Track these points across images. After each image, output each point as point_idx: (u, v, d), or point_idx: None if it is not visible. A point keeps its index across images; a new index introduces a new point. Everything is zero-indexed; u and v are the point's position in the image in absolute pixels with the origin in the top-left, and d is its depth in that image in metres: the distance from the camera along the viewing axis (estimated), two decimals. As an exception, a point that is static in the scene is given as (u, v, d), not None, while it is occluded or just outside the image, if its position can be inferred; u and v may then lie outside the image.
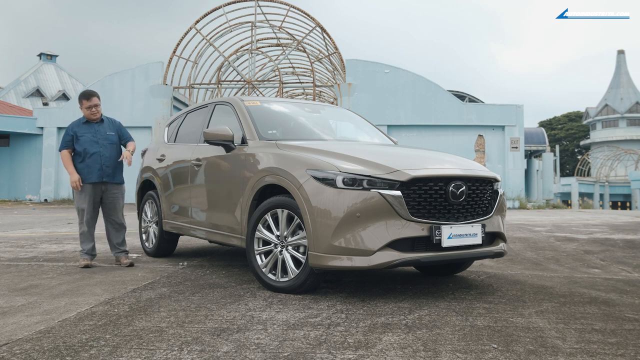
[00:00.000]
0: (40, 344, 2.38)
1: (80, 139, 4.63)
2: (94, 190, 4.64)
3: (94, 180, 4.60)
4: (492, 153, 19.34)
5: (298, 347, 2.33)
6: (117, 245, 4.79)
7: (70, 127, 4.70)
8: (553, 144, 56.86)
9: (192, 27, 20.19)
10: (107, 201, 4.73)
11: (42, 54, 43.03)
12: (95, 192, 4.66)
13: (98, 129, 4.70)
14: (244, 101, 4.44)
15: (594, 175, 48.19)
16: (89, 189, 4.61)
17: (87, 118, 4.71)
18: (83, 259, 4.60)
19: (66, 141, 4.67)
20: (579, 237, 7.37)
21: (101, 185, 4.67)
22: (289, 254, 3.46)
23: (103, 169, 4.63)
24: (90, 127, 4.70)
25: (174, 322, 2.74)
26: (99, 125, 4.73)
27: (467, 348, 2.35)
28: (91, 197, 4.63)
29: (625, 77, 62.00)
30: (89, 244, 4.66)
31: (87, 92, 4.73)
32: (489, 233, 3.52)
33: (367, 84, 19.30)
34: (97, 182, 4.63)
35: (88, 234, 4.66)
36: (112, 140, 4.75)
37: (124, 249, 4.80)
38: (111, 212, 4.76)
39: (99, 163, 4.62)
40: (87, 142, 4.62)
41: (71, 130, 4.67)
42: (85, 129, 4.69)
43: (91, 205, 4.65)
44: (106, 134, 4.71)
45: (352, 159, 3.37)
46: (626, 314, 3.02)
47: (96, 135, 4.67)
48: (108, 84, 20.41)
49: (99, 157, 4.62)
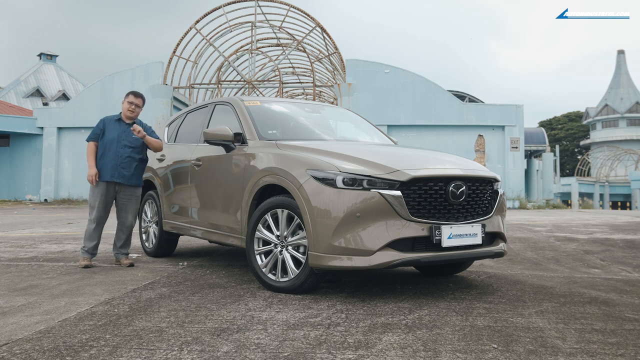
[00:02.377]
0: (40, 344, 2.38)
1: (106, 135, 4.59)
2: (107, 189, 4.57)
3: (106, 179, 4.53)
4: (492, 153, 19.34)
5: (298, 347, 2.33)
6: (118, 246, 4.74)
7: (102, 121, 4.67)
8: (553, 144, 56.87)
9: (192, 27, 20.19)
10: (120, 202, 4.68)
11: (42, 54, 43.02)
12: (108, 191, 4.58)
13: (127, 130, 4.65)
14: (244, 101, 4.44)
15: (594, 175, 48.20)
16: (102, 187, 4.54)
17: (124, 114, 4.68)
18: (83, 258, 4.56)
19: (95, 133, 4.62)
20: (579, 237, 7.37)
21: (114, 185, 4.59)
22: (289, 254, 3.46)
23: (118, 169, 4.55)
24: (120, 126, 4.66)
25: (174, 322, 2.74)
26: (129, 126, 4.66)
27: (467, 348, 2.35)
28: (103, 195, 4.55)
29: (625, 77, 62.00)
30: (92, 242, 4.59)
31: (138, 92, 4.79)
32: (489, 233, 3.52)
33: (367, 84, 19.30)
34: (110, 182, 4.55)
35: (94, 231, 4.59)
36: (136, 144, 4.66)
37: (124, 252, 4.74)
38: (120, 213, 4.70)
39: (115, 162, 4.54)
40: (111, 139, 4.57)
41: (102, 124, 4.65)
42: (115, 126, 4.65)
43: (102, 204, 4.56)
44: (132, 137, 4.63)
45: (352, 159, 3.37)
46: (626, 314, 3.02)
47: (122, 135, 4.61)
48: (108, 84, 20.40)
49: (117, 156, 4.55)
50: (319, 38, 20.86)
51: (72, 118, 20.60)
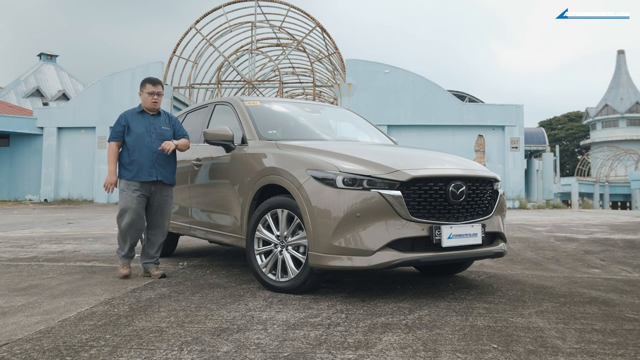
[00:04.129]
0: (40, 344, 2.38)
1: (132, 131, 4.05)
2: (143, 189, 4.02)
3: (144, 179, 3.99)
4: (492, 153, 19.34)
5: (298, 347, 2.33)
6: (151, 254, 4.16)
7: (123, 117, 4.11)
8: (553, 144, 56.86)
9: (192, 27, 20.20)
10: (155, 203, 4.11)
11: (42, 54, 43.01)
12: (143, 192, 4.03)
13: (153, 122, 4.13)
14: (244, 101, 4.44)
15: (594, 175, 48.20)
16: (137, 188, 3.99)
17: (145, 106, 4.13)
18: (122, 265, 4.06)
19: (117, 132, 4.07)
20: (579, 237, 7.37)
21: (151, 185, 4.05)
22: (289, 254, 3.46)
23: (155, 166, 4.03)
24: (144, 118, 4.13)
25: (174, 322, 2.74)
26: (155, 117, 4.16)
27: (467, 348, 2.35)
28: (138, 197, 3.99)
29: (625, 77, 62.00)
30: (129, 244, 4.06)
31: (154, 78, 4.20)
32: (489, 233, 3.52)
33: (367, 84, 19.31)
34: (147, 182, 4.04)
35: (128, 236, 4.02)
36: (167, 136, 4.15)
37: (155, 261, 4.17)
38: (156, 216, 4.13)
39: (151, 160, 4.02)
40: (140, 134, 4.05)
41: (124, 120, 4.09)
42: (139, 120, 4.11)
43: (140, 205, 4.00)
44: (161, 129, 4.13)
45: (352, 159, 3.37)
46: (626, 314, 3.02)
47: (150, 129, 4.09)
48: (108, 84, 20.41)
49: (151, 152, 4.03)
50: (319, 38, 20.86)
51: (72, 118, 20.60)
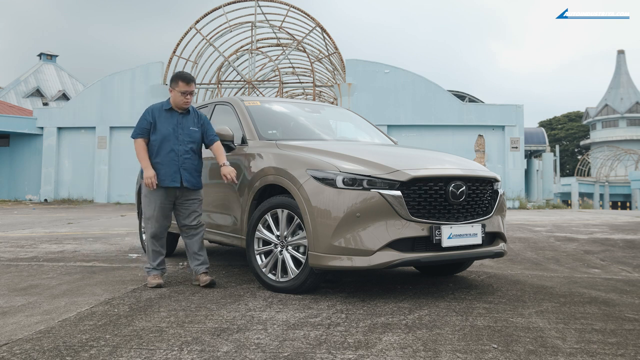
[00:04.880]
0: (40, 344, 2.38)
1: (158, 130, 3.74)
2: (167, 195, 3.75)
3: (167, 184, 3.70)
4: (492, 153, 19.33)
5: (298, 347, 2.33)
6: (195, 254, 3.83)
7: (150, 112, 3.79)
8: (553, 144, 56.86)
9: (192, 27, 20.20)
10: (181, 207, 3.83)
11: (42, 54, 43.00)
12: (168, 197, 3.76)
13: (181, 121, 3.80)
14: (244, 101, 4.45)
15: (594, 175, 48.19)
16: (160, 193, 3.72)
17: (175, 105, 3.81)
18: (152, 276, 3.75)
19: (142, 128, 3.75)
20: (579, 237, 7.37)
21: (176, 190, 3.77)
22: (289, 254, 3.46)
23: (180, 170, 3.72)
24: (172, 116, 3.81)
25: (174, 322, 2.74)
26: (183, 117, 3.83)
27: (467, 348, 2.35)
28: (162, 203, 3.74)
29: (625, 77, 62.01)
30: (158, 257, 3.81)
31: (187, 75, 3.82)
32: (489, 233, 3.52)
33: (367, 84, 19.30)
34: (172, 188, 3.75)
35: (156, 247, 3.81)
36: (195, 137, 3.83)
37: (203, 260, 3.82)
38: (186, 221, 3.84)
39: (177, 164, 3.71)
40: (167, 134, 3.73)
41: (150, 116, 3.77)
42: (167, 117, 3.79)
43: (161, 212, 3.75)
44: (189, 129, 3.81)
45: (352, 159, 3.37)
46: (626, 314, 3.02)
47: (177, 129, 3.77)
48: (108, 84, 20.40)
49: (176, 155, 3.72)
50: (319, 38, 20.86)
51: (72, 118, 20.59)
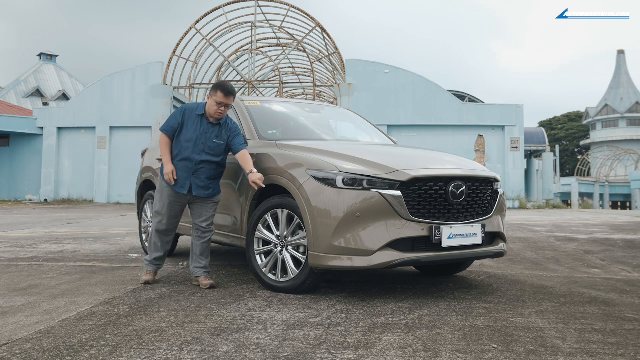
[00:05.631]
0: (40, 344, 2.38)
1: (184, 132, 3.72)
2: (178, 198, 3.76)
3: (176, 189, 3.72)
4: (492, 153, 19.33)
5: (298, 347, 2.33)
6: (198, 257, 3.80)
7: (183, 112, 3.77)
8: (553, 144, 56.85)
9: (192, 27, 20.20)
10: (195, 207, 3.82)
11: (42, 54, 42.99)
12: (178, 199, 3.77)
13: (208, 131, 3.73)
14: (244, 101, 4.44)
15: (594, 175, 48.19)
16: (171, 193, 3.75)
17: (209, 113, 3.73)
18: (146, 272, 3.85)
19: (171, 126, 3.74)
20: (579, 237, 7.37)
21: (187, 196, 3.76)
22: (289, 254, 3.46)
23: (191, 179, 3.70)
24: (202, 123, 3.74)
25: (174, 322, 2.74)
26: (212, 126, 3.75)
27: (467, 348, 2.35)
28: (171, 203, 3.76)
29: (625, 77, 62.00)
30: (157, 253, 3.85)
31: (230, 88, 3.71)
32: (489, 233, 3.52)
33: (367, 84, 19.30)
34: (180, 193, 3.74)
35: (161, 241, 3.85)
36: (217, 151, 3.75)
37: (203, 265, 3.79)
38: (195, 217, 3.84)
39: (189, 171, 3.69)
40: (189, 138, 3.70)
41: (181, 116, 3.74)
42: (197, 123, 3.73)
43: (169, 211, 3.77)
44: (212, 141, 3.73)
45: (352, 159, 3.37)
46: (626, 314, 3.02)
47: (201, 138, 3.71)
48: (108, 84, 20.39)
49: (191, 163, 3.68)
50: (319, 38, 20.86)
51: (72, 118, 20.59)
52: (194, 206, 3.82)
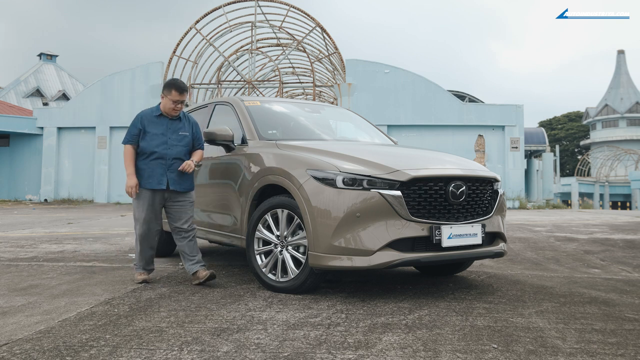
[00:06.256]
0: (40, 344, 2.38)
1: (148, 135, 3.85)
2: (154, 197, 3.85)
3: (153, 187, 3.81)
4: (492, 153, 19.33)
5: (298, 347, 2.33)
6: (188, 256, 3.88)
7: (140, 119, 3.88)
8: (553, 144, 56.85)
9: (192, 27, 20.20)
10: (171, 209, 3.92)
11: (42, 54, 42.99)
12: (156, 200, 3.86)
13: (171, 126, 3.91)
14: (244, 101, 4.45)
15: (594, 175, 48.19)
16: (147, 196, 3.82)
17: (165, 111, 3.90)
18: (139, 273, 3.92)
19: (132, 135, 3.85)
20: (579, 237, 7.37)
21: (164, 192, 3.87)
22: (289, 254, 3.46)
23: (167, 174, 3.83)
24: (162, 122, 3.90)
25: (174, 322, 2.74)
26: (173, 122, 3.93)
27: (467, 348, 2.35)
28: (150, 205, 3.83)
29: (625, 77, 62.00)
30: (145, 257, 3.93)
31: (182, 85, 3.89)
32: (489, 233, 3.52)
33: (367, 84, 19.30)
34: (159, 190, 3.85)
35: (144, 246, 3.91)
36: (185, 141, 3.93)
37: (198, 259, 3.86)
38: (174, 220, 3.92)
39: (163, 167, 3.83)
40: (155, 139, 3.84)
41: (140, 123, 3.87)
42: (157, 123, 3.89)
43: (151, 214, 3.85)
44: (179, 134, 3.92)
45: (352, 159, 3.37)
46: (626, 314, 3.02)
47: (167, 133, 3.88)
48: (108, 84, 20.40)
49: (164, 160, 3.83)
50: (319, 38, 20.86)
51: (72, 118, 20.60)
52: (172, 209, 3.92)
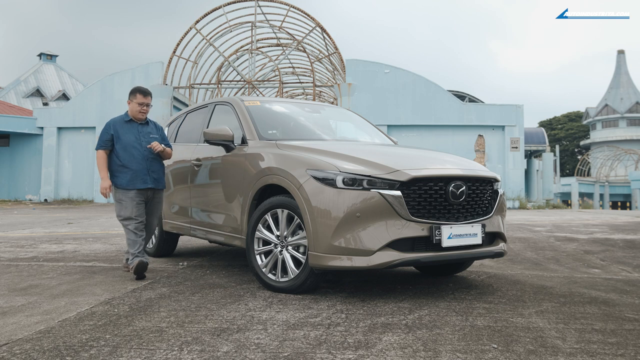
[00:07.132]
0: (40, 344, 2.38)
1: (122, 139, 4.13)
2: (139, 196, 4.14)
3: (140, 187, 4.11)
4: (492, 153, 19.34)
5: (298, 347, 2.33)
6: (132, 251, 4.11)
7: (111, 125, 4.17)
8: (553, 144, 56.83)
9: (192, 27, 20.20)
10: (149, 207, 4.31)
11: (42, 54, 43.00)
12: (140, 197, 4.15)
13: (142, 130, 4.24)
14: (244, 101, 4.44)
15: (594, 175, 48.19)
16: (133, 195, 4.11)
17: (133, 115, 4.22)
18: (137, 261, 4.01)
19: (104, 140, 4.12)
20: (579, 237, 7.37)
21: (147, 191, 4.20)
22: (289, 254, 3.46)
23: (150, 173, 4.18)
24: (133, 127, 4.21)
25: (174, 322, 2.74)
26: (143, 126, 4.27)
27: (467, 348, 2.35)
28: (139, 204, 4.13)
29: (625, 77, 62.01)
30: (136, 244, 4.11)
31: (145, 89, 4.27)
32: (489, 233, 3.52)
33: (367, 84, 19.31)
34: (143, 189, 4.16)
35: (137, 235, 4.11)
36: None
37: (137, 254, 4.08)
38: (149, 218, 4.34)
39: (145, 167, 4.15)
40: (130, 142, 4.14)
41: (111, 129, 4.14)
42: (128, 128, 4.19)
43: (139, 211, 4.13)
44: (150, 137, 4.25)
45: (352, 159, 3.37)
46: (626, 314, 3.02)
47: (139, 137, 4.20)
48: (108, 84, 20.41)
49: (145, 160, 4.15)
50: (319, 38, 20.87)
51: (72, 118, 20.61)
52: (149, 207, 4.31)
